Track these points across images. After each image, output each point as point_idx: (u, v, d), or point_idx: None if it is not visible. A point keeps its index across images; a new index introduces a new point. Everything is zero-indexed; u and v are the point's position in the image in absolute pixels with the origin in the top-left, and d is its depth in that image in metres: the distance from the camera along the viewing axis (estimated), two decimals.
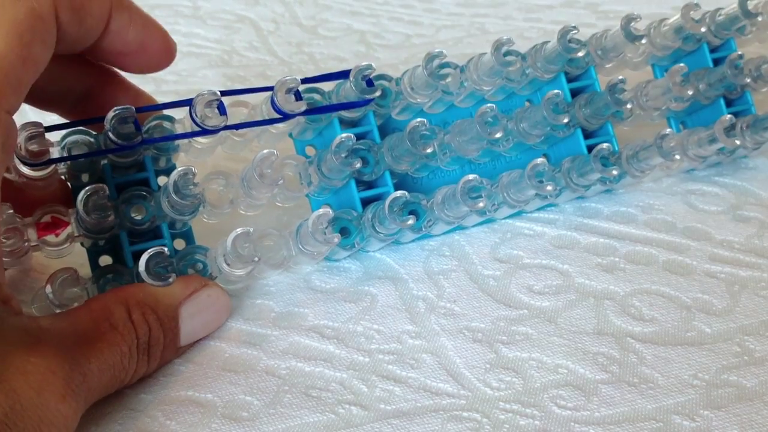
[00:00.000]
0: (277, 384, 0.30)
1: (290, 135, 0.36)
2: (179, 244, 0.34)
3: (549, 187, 0.34)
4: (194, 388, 0.30)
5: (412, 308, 0.34)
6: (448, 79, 0.35)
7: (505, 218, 0.38)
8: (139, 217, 0.32)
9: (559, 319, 0.33)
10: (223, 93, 0.32)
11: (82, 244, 0.33)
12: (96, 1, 0.31)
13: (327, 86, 0.35)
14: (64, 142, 0.32)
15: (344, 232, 0.34)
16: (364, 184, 0.35)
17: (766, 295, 0.34)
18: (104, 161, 0.33)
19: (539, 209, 0.39)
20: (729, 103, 0.41)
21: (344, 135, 0.33)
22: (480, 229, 0.38)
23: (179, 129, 0.33)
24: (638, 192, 0.40)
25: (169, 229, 0.33)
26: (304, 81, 0.33)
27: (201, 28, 0.57)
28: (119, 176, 0.33)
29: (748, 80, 0.40)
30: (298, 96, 0.33)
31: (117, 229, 0.32)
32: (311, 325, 0.33)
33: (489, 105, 0.34)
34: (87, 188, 0.31)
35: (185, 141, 0.33)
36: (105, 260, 0.33)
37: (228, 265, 0.31)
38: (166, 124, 0.33)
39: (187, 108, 0.32)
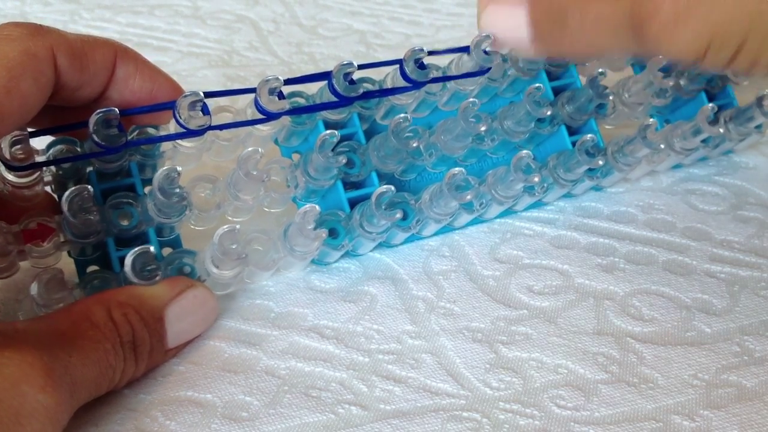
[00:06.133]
0: (277, 384, 0.30)
1: (276, 142, 0.36)
2: (167, 252, 0.34)
3: (536, 178, 0.34)
4: (194, 389, 0.30)
5: (411, 308, 0.34)
6: (432, 74, 0.34)
7: (497, 217, 0.38)
8: (125, 223, 0.32)
9: (559, 319, 0.33)
10: (207, 95, 0.32)
11: (69, 254, 0.33)
12: (99, 49, 0.31)
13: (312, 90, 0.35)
14: (49, 153, 0.32)
15: (333, 233, 0.34)
16: (351, 186, 0.35)
17: (766, 295, 0.34)
18: (90, 168, 0.33)
19: (538, 209, 0.39)
20: (711, 98, 0.41)
21: (328, 132, 0.32)
22: (479, 229, 0.38)
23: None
24: (638, 192, 0.40)
25: (157, 237, 0.33)
26: (288, 81, 0.33)
27: (201, 28, 0.57)
28: (105, 183, 0.33)
29: (728, 71, 0.40)
30: (281, 96, 0.33)
31: (104, 235, 0.32)
32: (311, 325, 0.33)
33: (471, 100, 0.34)
34: (71, 189, 0.30)
35: (170, 147, 0.33)
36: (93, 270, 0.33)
37: (216, 267, 0.31)
38: (151, 131, 0.33)
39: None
